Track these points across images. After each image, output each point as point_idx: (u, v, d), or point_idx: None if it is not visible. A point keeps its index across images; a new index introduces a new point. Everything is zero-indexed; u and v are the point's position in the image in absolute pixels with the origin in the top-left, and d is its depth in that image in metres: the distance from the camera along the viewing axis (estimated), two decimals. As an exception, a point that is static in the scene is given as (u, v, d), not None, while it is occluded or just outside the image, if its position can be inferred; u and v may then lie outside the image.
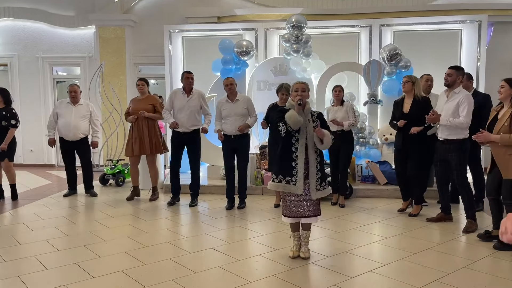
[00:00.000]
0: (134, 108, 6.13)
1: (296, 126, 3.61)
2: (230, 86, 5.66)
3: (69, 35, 9.65)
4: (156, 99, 6.32)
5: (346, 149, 5.83)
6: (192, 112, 5.80)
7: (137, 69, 9.61)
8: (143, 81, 6.26)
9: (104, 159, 8.73)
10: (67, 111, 6.49)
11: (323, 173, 3.79)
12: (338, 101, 5.86)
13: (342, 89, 5.89)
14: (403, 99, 5.34)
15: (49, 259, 3.87)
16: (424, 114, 5.02)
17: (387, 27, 7.93)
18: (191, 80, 5.87)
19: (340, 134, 5.74)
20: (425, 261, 3.75)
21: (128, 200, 6.24)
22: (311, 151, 3.72)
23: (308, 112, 3.76)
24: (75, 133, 6.45)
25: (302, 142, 3.69)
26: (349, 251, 4.05)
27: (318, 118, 3.79)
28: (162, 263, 3.76)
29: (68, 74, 10.87)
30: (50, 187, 7.48)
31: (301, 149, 3.69)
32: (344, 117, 5.73)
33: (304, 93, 3.72)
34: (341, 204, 5.81)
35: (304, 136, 3.70)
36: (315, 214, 3.81)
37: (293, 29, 7.26)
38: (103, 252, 4.05)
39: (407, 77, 5.30)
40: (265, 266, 3.69)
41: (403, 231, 4.67)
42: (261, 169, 6.85)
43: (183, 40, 8.46)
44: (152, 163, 6.28)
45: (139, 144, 6.10)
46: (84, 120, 6.54)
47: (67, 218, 5.32)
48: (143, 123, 6.09)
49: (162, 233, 4.75)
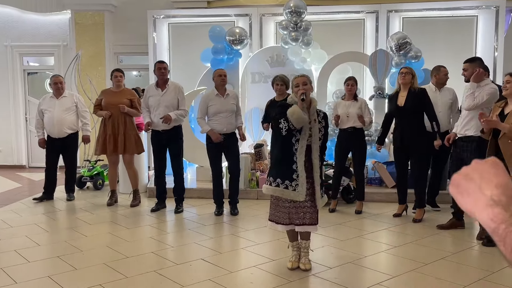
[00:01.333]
0: (108, 101, 6.08)
1: (299, 124, 3.54)
2: (224, 78, 5.60)
3: (42, 21, 9.56)
4: (133, 93, 6.28)
5: (359, 149, 5.81)
6: (168, 108, 5.70)
7: (118, 59, 9.55)
8: (121, 73, 6.23)
9: (81, 160, 8.66)
10: (51, 106, 6.46)
11: (322, 180, 3.80)
12: (351, 95, 5.83)
13: (355, 82, 5.86)
14: (397, 92, 5.40)
15: (19, 272, 3.82)
16: (420, 106, 5.15)
17: (395, 13, 7.93)
18: (163, 71, 5.78)
19: (351, 133, 5.72)
20: (438, 273, 3.75)
21: (108, 206, 6.20)
22: (315, 154, 3.66)
23: (314, 110, 3.69)
24: (60, 128, 6.41)
25: (303, 143, 3.62)
26: (354, 262, 4.04)
27: (324, 120, 3.77)
28: (146, 275, 3.73)
29: (40, 65, 10.76)
30: (21, 191, 7.42)
31: (300, 150, 3.62)
32: (357, 114, 5.71)
33: (306, 86, 3.65)
34: (358, 210, 5.81)
35: (306, 137, 3.63)
36: (312, 222, 3.73)
37: (291, 15, 7.24)
38: (80, 263, 4.01)
39: (408, 69, 5.37)
40: (261, 278, 3.67)
41: (413, 239, 4.67)
42: (256, 171, 6.83)
43: (169, 27, 8.40)
44: (130, 163, 6.23)
45: (113, 143, 6.05)
46: (70, 113, 6.49)
47: (40, 226, 5.27)
48: (119, 119, 6.04)
49: (146, 242, 4.72)
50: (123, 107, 5.96)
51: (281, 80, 5.62)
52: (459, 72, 5.19)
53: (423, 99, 5.24)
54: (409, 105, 5.22)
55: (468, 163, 0.86)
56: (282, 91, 5.64)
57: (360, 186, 5.90)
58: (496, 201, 0.76)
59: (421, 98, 5.23)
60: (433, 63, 6.16)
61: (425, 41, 7.58)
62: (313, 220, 3.73)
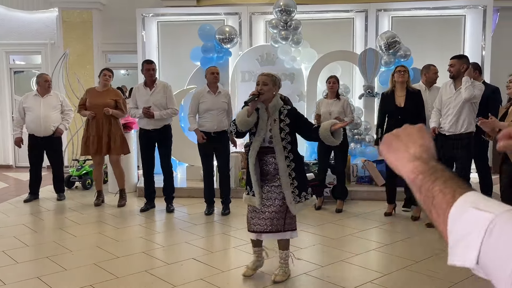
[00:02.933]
0: (93, 102, 6.01)
1: (244, 127, 3.40)
2: (216, 75, 5.59)
3: (28, 19, 9.43)
4: (118, 93, 6.20)
5: (341, 147, 5.81)
6: (157, 107, 5.67)
7: (106, 58, 9.47)
8: (111, 73, 6.17)
9: (69, 159, 8.57)
10: (35, 104, 6.37)
11: (301, 181, 3.48)
12: (333, 94, 5.85)
13: (337, 80, 5.88)
14: (393, 91, 5.38)
15: (7, 272, 3.77)
16: (418, 108, 5.17)
17: (385, 12, 7.97)
18: (152, 72, 5.76)
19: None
20: (429, 270, 3.77)
21: (96, 206, 6.13)
22: (279, 156, 3.41)
23: (274, 110, 3.46)
24: (46, 126, 6.33)
25: (255, 145, 3.42)
26: (345, 260, 4.05)
27: (288, 117, 3.45)
28: (136, 275, 3.70)
29: (26, 63, 10.63)
30: (8, 191, 7.32)
31: (251, 153, 3.43)
32: (339, 113, 5.72)
33: (266, 87, 3.42)
34: (338, 209, 5.81)
35: (260, 139, 3.43)
36: (277, 229, 3.44)
37: (281, 13, 7.23)
38: (70, 264, 3.97)
39: (405, 67, 5.35)
40: (253, 277, 3.66)
41: (404, 237, 4.70)
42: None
43: (158, 26, 8.35)
44: (116, 163, 6.17)
45: (97, 143, 5.98)
46: (55, 111, 6.43)
47: (28, 226, 5.20)
48: (104, 120, 5.97)
49: (136, 242, 4.68)
50: (107, 110, 5.87)
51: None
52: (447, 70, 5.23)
53: (420, 101, 5.25)
54: (409, 106, 5.21)
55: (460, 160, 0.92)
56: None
57: (340, 185, 5.91)
58: (418, 157, 0.88)
59: (419, 99, 5.24)
60: (422, 62, 6.20)
61: (414, 40, 7.62)
62: (279, 227, 3.44)
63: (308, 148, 7.41)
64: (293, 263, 3.63)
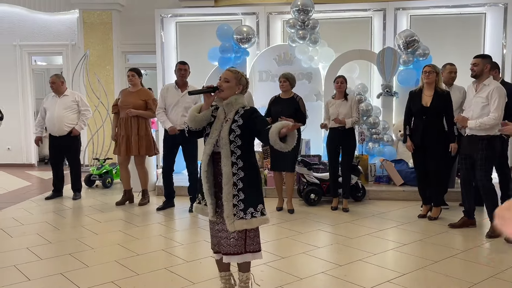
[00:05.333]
0: (124, 101, 6.09)
1: (193, 123, 2.93)
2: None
3: (50, 21, 9.62)
4: (149, 94, 6.23)
5: (348, 146, 5.82)
6: (187, 109, 5.68)
7: (125, 58, 9.60)
8: (133, 72, 6.18)
9: (90, 158, 8.72)
10: (52, 104, 6.53)
11: (250, 195, 2.90)
12: (341, 94, 5.83)
13: (345, 80, 5.86)
14: (421, 90, 5.33)
15: (31, 269, 3.87)
16: (446, 110, 5.12)
17: (403, 11, 7.92)
18: (183, 72, 5.80)
19: (341, 131, 5.74)
20: (448, 270, 3.76)
21: (117, 205, 6.23)
22: (225, 161, 2.87)
23: (231, 109, 2.95)
24: (60, 126, 6.45)
25: (208, 148, 2.93)
26: (362, 259, 4.05)
27: (242, 117, 2.92)
28: (156, 273, 3.76)
29: (48, 64, 10.86)
30: (30, 189, 7.48)
31: (205, 157, 2.94)
32: (347, 113, 5.71)
33: (227, 84, 2.95)
34: (345, 208, 5.80)
35: (212, 142, 2.93)
36: (238, 251, 2.93)
37: (298, 13, 7.25)
38: (91, 261, 4.05)
39: (431, 67, 5.28)
40: (271, 276, 3.70)
41: (422, 237, 4.68)
42: (263, 169, 6.85)
43: (177, 26, 8.44)
44: (141, 164, 6.25)
45: (126, 144, 6.06)
46: (70, 111, 6.52)
47: (50, 224, 5.32)
48: (132, 120, 6.04)
49: (156, 240, 4.76)
50: (130, 111, 5.95)
51: (284, 77, 5.67)
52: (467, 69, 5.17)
53: (448, 102, 5.18)
54: (435, 106, 5.15)
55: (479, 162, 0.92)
56: (286, 88, 5.68)
57: (346, 184, 5.88)
58: None
59: (447, 101, 5.17)
60: (441, 61, 6.15)
61: (433, 39, 7.57)
62: (239, 248, 2.93)
63: (325, 147, 7.40)
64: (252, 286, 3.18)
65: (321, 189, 6.15)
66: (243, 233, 2.94)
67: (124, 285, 3.51)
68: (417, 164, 5.43)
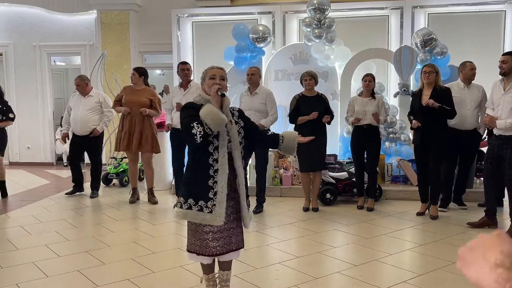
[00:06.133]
0: (128, 99, 6.12)
1: (217, 126, 2.75)
2: (251, 76, 5.70)
3: (69, 21, 9.74)
4: (153, 93, 6.29)
5: (374, 146, 5.79)
6: None
7: (142, 58, 9.67)
8: (134, 71, 6.25)
9: (107, 157, 8.81)
10: (77, 104, 6.64)
11: (246, 191, 3.04)
12: (368, 92, 5.81)
13: (373, 78, 5.84)
14: (421, 90, 5.35)
15: (49, 266, 3.92)
16: (444, 104, 5.11)
17: (420, 9, 7.83)
18: (186, 72, 5.88)
19: (366, 129, 5.71)
20: (466, 271, 3.70)
21: (131, 203, 6.29)
22: (237, 162, 2.92)
23: (227, 110, 2.95)
24: (82, 126, 6.56)
25: (224, 151, 2.85)
26: (379, 259, 4.02)
27: (241, 118, 3.02)
28: (172, 271, 3.79)
29: (67, 64, 11.00)
30: (49, 188, 7.59)
31: (222, 160, 2.84)
32: (374, 112, 5.68)
33: (224, 82, 2.94)
34: (370, 208, 5.77)
35: (225, 143, 2.87)
36: (238, 247, 3.03)
37: (314, 12, 7.21)
38: (108, 258, 4.10)
39: (431, 67, 5.29)
40: (286, 275, 3.69)
41: (439, 238, 4.62)
42: (279, 168, 6.84)
43: (193, 26, 8.47)
44: (148, 162, 6.28)
45: (128, 140, 6.09)
46: (93, 112, 6.61)
47: (68, 222, 5.39)
48: (137, 117, 6.08)
49: (171, 238, 4.79)
50: (145, 111, 6.00)
51: (309, 75, 5.67)
52: (486, 68, 5.11)
53: (446, 98, 5.18)
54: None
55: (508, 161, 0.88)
56: (311, 86, 5.67)
57: (372, 184, 5.87)
58: (499, 264, 0.79)
59: (444, 97, 5.18)
60: (460, 59, 6.06)
61: (451, 37, 7.46)
62: (239, 244, 3.04)
63: (341, 147, 7.37)
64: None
65: (337, 189, 6.12)
66: (240, 228, 3.06)
67: (139, 282, 3.53)
68: (417, 162, 5.50)
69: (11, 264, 3.97)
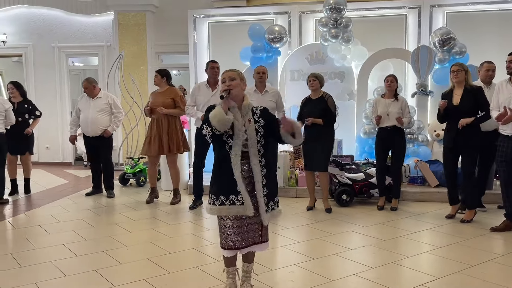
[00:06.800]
0: (153, 102, 6.16)
1: (223, 127, 2.93)
2: (262, 75, 5.68)
3: (87, 23, 9.85)
4: (176, 92, 6.28)
5: (398, 146, 5.72)
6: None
7: (159, 59, 9.72)
8: (156, 73, 6.28)
9: (124, 157, 8.89)
10: (86, 105, 6.69)
11: (271, 190, 3.15)
12: (391, 93, 5.75)
13: (395, 79, 5.77)
14: (451, 90, 5.23)
15: (67, 265, 3.96)
16: (477, 105, 4.98)
17: (439, 8, 7.74)
18: (216, 70, 5.84)
19: (391, 131, 5.66)
20: (485, 275, 3.63)
21: (147, 203, 6.32)
22: (254, 160, 3.05)
23: (247, 109, 3.10)
24: (93, 128, 6.62)
25: (237, 149, 3.02)
26: (396, 262, 3.97)
27: (262, 117, 3.12)
28: (188, 271, 3.79)
29: (85, 65, 11.13)
30: (67, 187, 7.68)
31: (235, 159, 3.02)
32: (398, 113, 5.62)
33: (234, 82, 3.06)
34: (393, 207, 5.73)
35: (240, 143, 3.03)
36: (255, 241, 3.17)
37: (331, 11, 7.17)
38: (124, 258, 4.12)
39: (459, 65, 5.17)
40: (301, 277, 3.67)
41: (458, 240, 4.54)
42: (295, 169, 6.81)
43: (209, 26, 8.49)
44: (173, 163, 6.30)
45: (158, 143, 6.12)
46: (103, 114, 6.66)
47: (86, 221, 5.44)
48: (163, 119, 6.12)
49: (187, 238, 4.80)
50: (161, 109, 6.02)
51: (313, 75, 5.64)
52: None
53: (479, 98, 5.03)
54: (463, 105, 5.03)
55: None
56: (315, 87, 5.63)
57: (396, 184, 5.82)
58: None
59: (477, 97, 5.02)
60: (479, 59, 5.97)
61: (471, 37, 7.36)
62: (265, 237, 3.21)
63: (358, 147, 7.32)
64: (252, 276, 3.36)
65: (353, 190, 6.07)
66: (260, 224, 3.15)
67: (155, 283, 3.55)
68: (447, 164, 5.33)
69: (30, 263, 4.02)
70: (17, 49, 10.13)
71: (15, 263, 4.02)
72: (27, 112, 6.75)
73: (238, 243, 3.09)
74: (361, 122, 7.25)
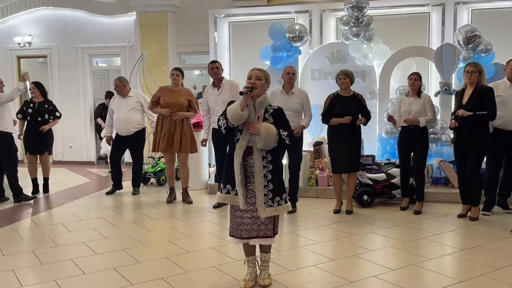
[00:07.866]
0: (167, 100, 6.13)
1: (236, 121, 3.18)
2: (292, 76, 5.64)
3: (109, 24, 9.98)
4: (191, 93, 6.33)
5: (420, 147, 5.62)
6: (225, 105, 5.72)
7: (180, 59, 9.78)
8: (178, 71, 6.25)
9: (145, 157, 8.95)
10: (118, 105, 6.81)
11: (277, 186, 3.30)
12: (414, 91, 5.65)
13: (419, 77, 5.66)
14: (463, 89, 5.22)
15: (87, 263, 4.01)
16: (484, 104, 4.97)
17: (463, 5, 7.58)
18: (216, 70, 5.91)
19: (413, 130, 5.56)
20: (510, 279, 3.53)
21: (168, 203, 6.35)
22: (257, 155, 3.23)
23: (261, 107, 3.29)
24: (126, 127, 6.71)
25: (243, 143, 3.25)
26: (417, 264, 3.89)
27: (272, 116, 3.29)
28: (205, 271, 3.79)
29: (108, 65, 11.28)
30: (89, 186, 7.78)
31: (238, 151, 3.25)
32: (420, 111, 5.52)
33: (259, 82, 3.25)
34: (417, 211, 5.60)
35: (247, 138, 3.25)
36: (266, 235, 3.32)
37: (352, 10, 7.09)
38: (143, 257, 4.14)
39: (473, 66, 5.12)
40: (320, 278, 3.63)
41: (482, 243, 4.43)
42: (315, 169, 6.76)
43: (230, 26, 8.50)
44: (184, 163, 6.31)
45: (167, 140, 6.11)
46: (135, 112, 6.75)
47: (106, 220, 5.50)
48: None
49: (206, 237, 4.80)
50: (182, 115, 6.07)
51: (344, 73, 5.55)
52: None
53: (486, 98, 5.00)
54: (471, 104, 5.03)
55: None
56: (346, 85, 5.55)
57: (420, 186, 5.70)
58: None
59: (484, 97, 5.00)
60: (505, 56, 5.82)
61: (496, 34, 7.19)
62: (269, 232, 3.33)
63: (380, 147, 7.22)
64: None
65: (375, 190, 5.98)
66: (271, 218, 3.32)
67: (173, 282, 3.55)
68: (458, 164, 5.36)
69: (50, 261, 4.08)
70: (42, 50, 10.33)
71: (37, 260, 4.09)
72: (47, 112, 6.85)
73: (247, 233, 3.29)
74: (383, 121, 7.15)
